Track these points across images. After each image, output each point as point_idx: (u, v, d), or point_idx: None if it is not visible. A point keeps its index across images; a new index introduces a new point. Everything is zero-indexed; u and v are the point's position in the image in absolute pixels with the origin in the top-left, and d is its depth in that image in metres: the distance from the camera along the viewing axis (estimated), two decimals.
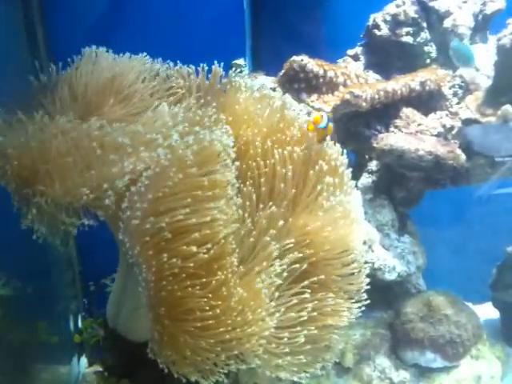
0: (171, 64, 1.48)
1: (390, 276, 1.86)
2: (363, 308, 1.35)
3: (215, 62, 1.40)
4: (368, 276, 1.80)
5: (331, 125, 1.38)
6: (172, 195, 1.08)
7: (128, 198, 1.11)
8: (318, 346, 1.30)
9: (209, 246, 1.09)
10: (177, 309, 1.12)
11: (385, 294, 1.99)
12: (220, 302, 1.11)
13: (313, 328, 1.25)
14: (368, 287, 1.35)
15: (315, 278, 1.29)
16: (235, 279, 1.15)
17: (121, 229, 1.11)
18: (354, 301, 1.35)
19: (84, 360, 1.91)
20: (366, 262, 1.39)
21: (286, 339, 1.20)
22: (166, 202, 1.08)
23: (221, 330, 1.11)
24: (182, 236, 1.09)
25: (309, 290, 1.27)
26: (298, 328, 1.22)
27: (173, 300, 1.11)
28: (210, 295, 1.10)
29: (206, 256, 1.08)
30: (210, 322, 1.10)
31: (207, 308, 1.10)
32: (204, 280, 1.10)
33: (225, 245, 1.12)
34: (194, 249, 1.07)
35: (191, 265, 1.08)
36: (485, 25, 2.04)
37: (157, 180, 1.09)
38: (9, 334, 1.64)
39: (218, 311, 1.10)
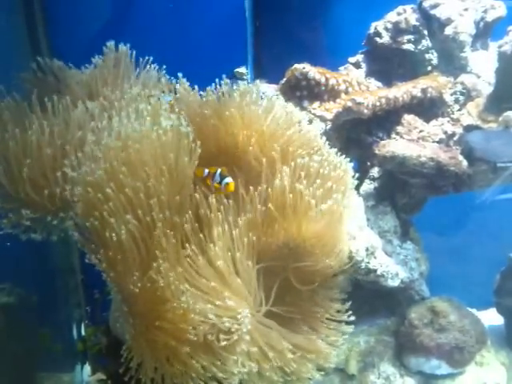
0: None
1: (393, 282, 1.85)
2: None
3: None
4: (371, 283, 1.82)
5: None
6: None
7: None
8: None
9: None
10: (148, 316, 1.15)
11: (388, 301, 1.99)
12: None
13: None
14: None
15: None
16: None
17: None
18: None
19: (87, 368, 1.90)
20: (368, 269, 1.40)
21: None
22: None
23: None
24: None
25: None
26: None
27: (136, 298, 1.14)
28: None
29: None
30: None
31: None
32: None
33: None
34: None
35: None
36: (486, 32, 2.05)
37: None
38: (13, 341, 1.64)
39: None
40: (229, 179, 1.29)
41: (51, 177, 1.32)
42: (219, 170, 1.30)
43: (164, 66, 1.59)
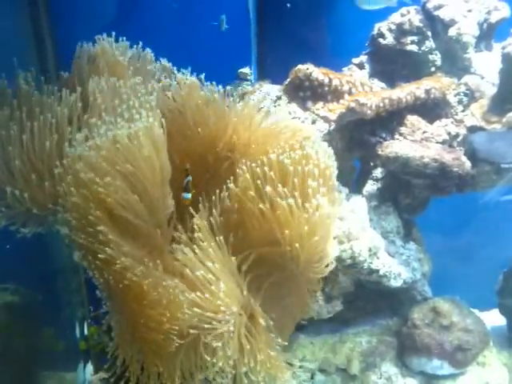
0: None
1: (396, 283, 1.85)
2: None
3: None
4: (373, 283, 1.83)
5: None
6: None
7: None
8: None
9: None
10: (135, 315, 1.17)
11: (390, 301, 1.99)
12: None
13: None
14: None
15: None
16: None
17: None
18: None
19: (90, 367, 1.91)
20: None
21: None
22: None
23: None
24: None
25: None
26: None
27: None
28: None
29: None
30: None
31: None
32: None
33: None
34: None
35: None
36: (489, 33, 2.05)
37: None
38: (16, 340, 1.65)
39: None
40: (187, 195, 1.32)
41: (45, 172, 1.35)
42: (188, 179, 1.33)
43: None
